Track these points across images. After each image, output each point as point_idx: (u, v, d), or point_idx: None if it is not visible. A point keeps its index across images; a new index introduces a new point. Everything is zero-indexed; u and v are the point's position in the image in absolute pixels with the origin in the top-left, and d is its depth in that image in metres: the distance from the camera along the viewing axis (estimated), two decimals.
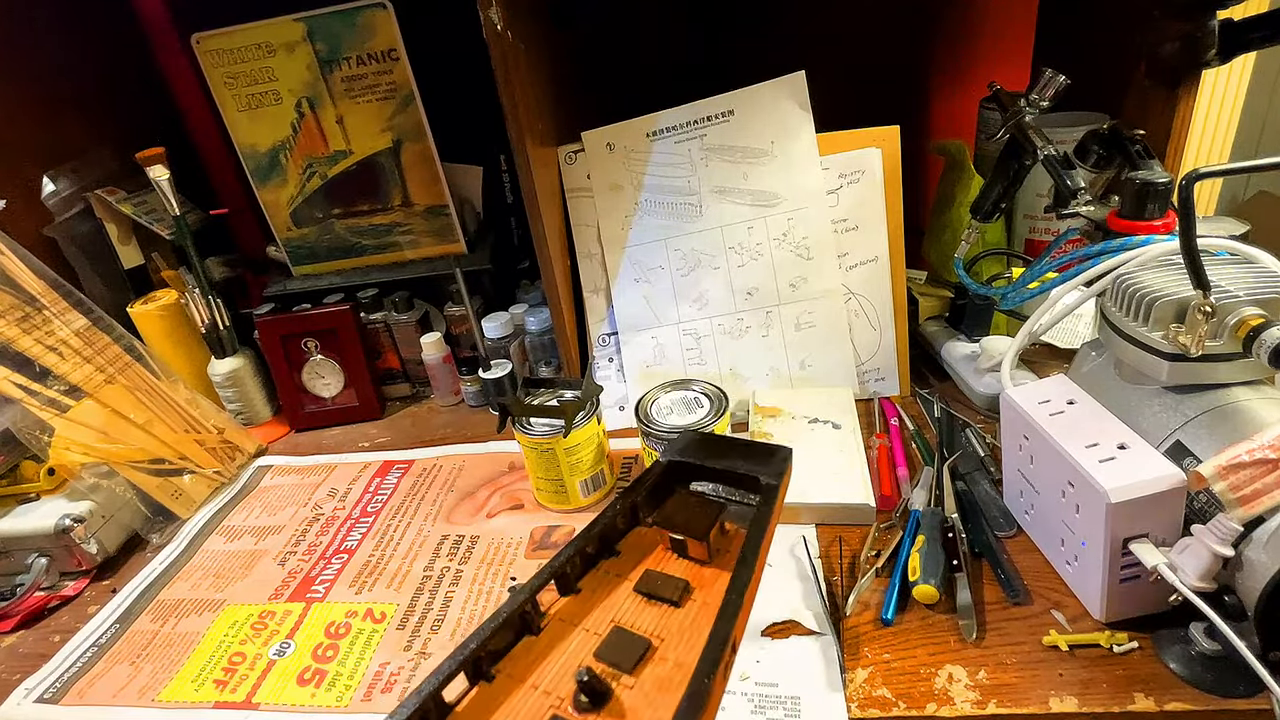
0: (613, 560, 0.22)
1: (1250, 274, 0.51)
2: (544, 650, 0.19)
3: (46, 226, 0.87)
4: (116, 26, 0.96)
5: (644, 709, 0.17)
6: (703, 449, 0.23)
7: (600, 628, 0.20)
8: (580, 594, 0.20)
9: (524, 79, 0.68)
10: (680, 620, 0.20)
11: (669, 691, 0.18)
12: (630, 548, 0.22)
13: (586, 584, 0.21)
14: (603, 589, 0.21)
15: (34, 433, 0.71)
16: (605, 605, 0.20)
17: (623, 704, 0.18)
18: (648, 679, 0.18)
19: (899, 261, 0.79)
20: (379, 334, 0.95)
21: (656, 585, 0.21)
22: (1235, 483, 0.43)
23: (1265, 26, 0.63)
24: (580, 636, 0.19)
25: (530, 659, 0.19)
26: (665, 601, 0.20)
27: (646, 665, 0.19)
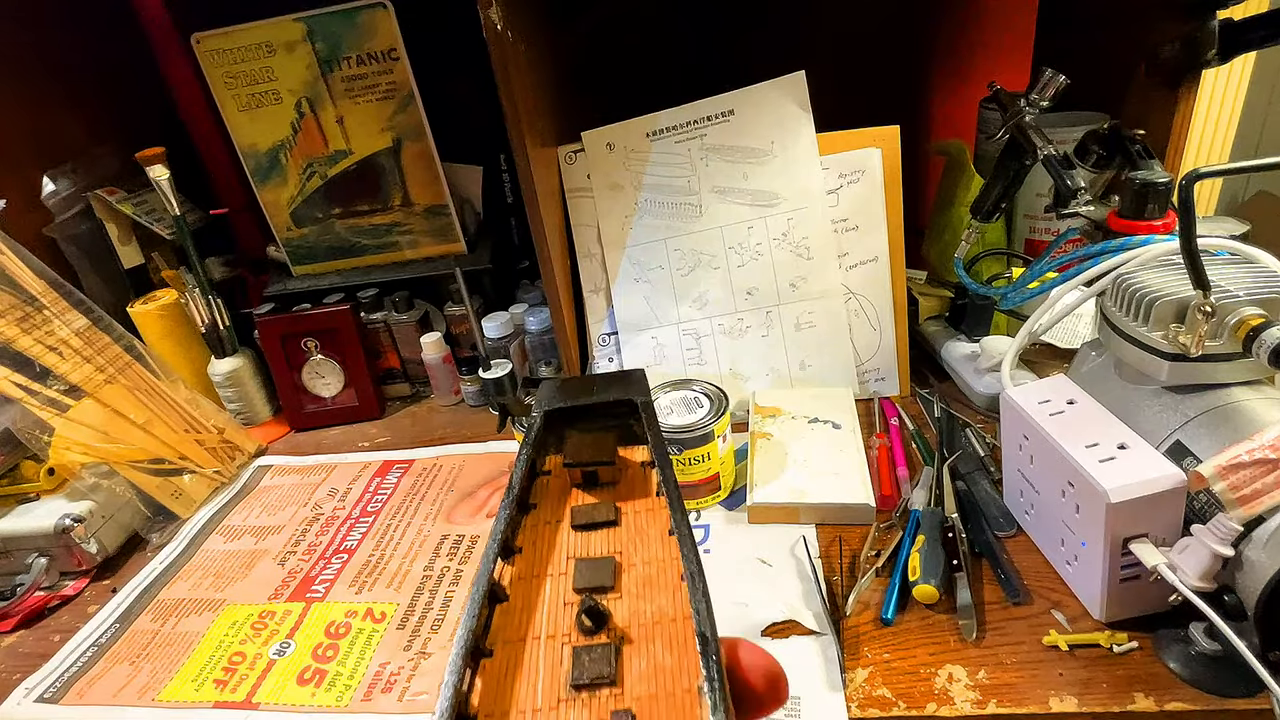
0: (533, 513, 0.23)
1: (1250, 274, 0.51)
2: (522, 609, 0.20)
3: (46, 226, 0.87)
4: (116, 26, 0.96)
5: (641, 606, 0.19)
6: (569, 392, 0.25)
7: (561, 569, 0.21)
8: (523, 551, 0.21)
9: (524, 79, 0.68)
10: (626, 533, 0.21)
11: (652, 583, 0.20)
12: (541, 498, 0.23)
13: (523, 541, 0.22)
14: (542, 540, 0.22)
15: (34, 433, 0.71)
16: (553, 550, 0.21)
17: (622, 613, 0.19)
18: (630, 585, 0.20)
19: (899, 261, 0.79)
20: (379, 334, 0.95)
21: (590, 516, 0.22)
22: (1235, 483, 0.43)
23: (1265, 26, 0.63)
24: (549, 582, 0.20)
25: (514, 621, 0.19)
26: (605, 525, 0.22)
27: (622, 577, 0.20)
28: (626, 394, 0.25)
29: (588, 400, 0.25)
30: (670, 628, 0.18)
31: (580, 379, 0.26)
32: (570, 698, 0.17)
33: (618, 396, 0.25)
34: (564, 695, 0.17)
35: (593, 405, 0.25)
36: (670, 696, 0.17)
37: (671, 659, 0.18)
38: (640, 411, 0.24)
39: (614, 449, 0.24)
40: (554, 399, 0.25)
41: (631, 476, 0.24)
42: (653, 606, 0.19)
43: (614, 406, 0.25)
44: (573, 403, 0.25)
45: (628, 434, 0.25)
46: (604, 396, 0.25)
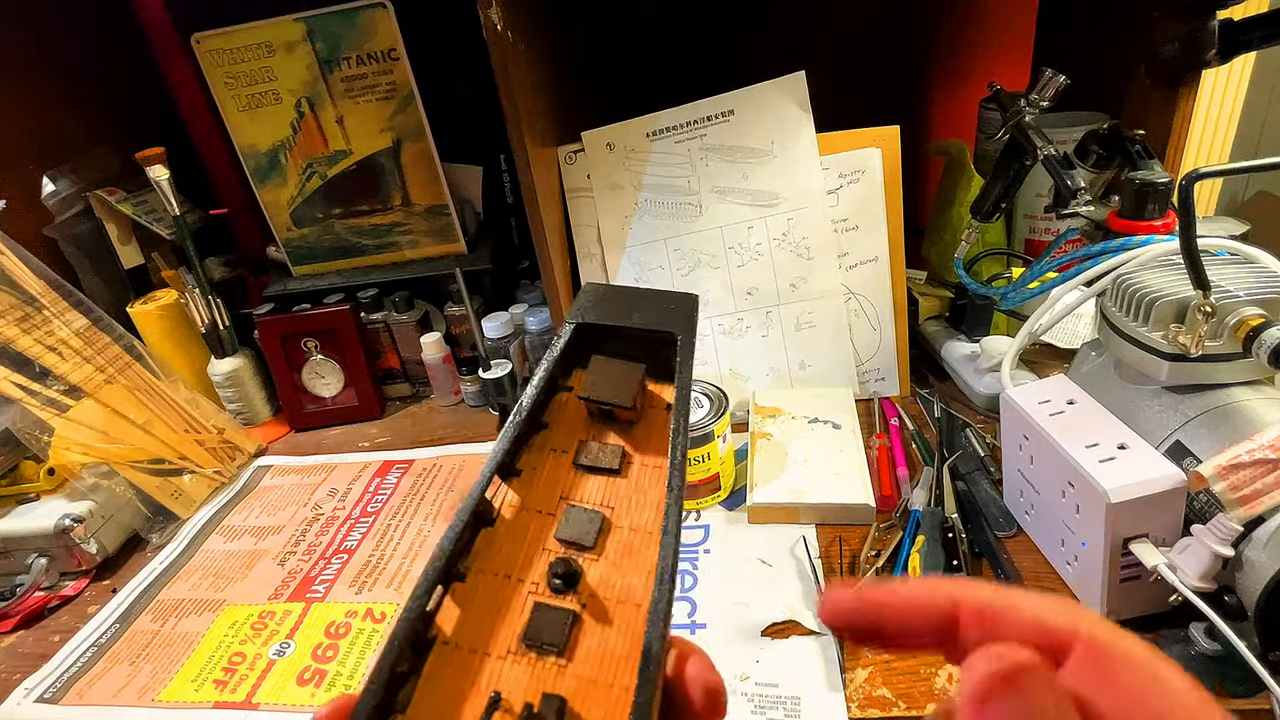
0: (543, 434, 0.22)
1: (1250, 274, 0.51)
2: (504, 539, 0.20)
3: (46, 226, 0.87)
4: (116, 26, 0.96)
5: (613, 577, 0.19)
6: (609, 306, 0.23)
7: (550, 507, 0.20)
8: (521, 475, 0.21)
9: (524, 79, 0.68)
10: (625, 487, 0.21)
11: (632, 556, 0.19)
12: (555, 419, 0.22)
13: (525, 464, 0.21)
14: (542, 467, 0.21)
15: (34, 433, 0.71)
16: (549, 483, 0.21)
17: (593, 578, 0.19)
18: (610, 549, 0.20)
19: (899, 261, 0.79)
20: (379, 334, 0.95)
21: (595, 457, 0.21)
22: (1235, 483, 0.43)
23: (1265, 26, 0.63)
24: (535, 520, 0.20)
25: (493, 550, 0.19)
26: (605, 472, 0.21)
27: (606, 537, 0.20)
28: (667, 325, 0.22)
29: (623, 324, 0.23)
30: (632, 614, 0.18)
31: (626, 291, 0.24)
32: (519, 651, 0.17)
33: (656, 326, 0.23)
34: (514, 647, 0.18)
35: (628, 329, 0.23)
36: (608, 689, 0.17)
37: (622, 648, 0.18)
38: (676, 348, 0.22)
39: (639, 386, 0.22)
40: (590, 311, 0.23)
41: (651, 419, 0.22)
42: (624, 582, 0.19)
43: (650, 334, 0.23)
44: (608, 321, 0.23)
45: (661, 367, 0.23)
46: (642, 323, 0.23)
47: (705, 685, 0.18)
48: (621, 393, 0.22)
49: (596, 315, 0.23)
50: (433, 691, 0.17)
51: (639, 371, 0.22)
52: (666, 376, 0.23)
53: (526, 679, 0.17)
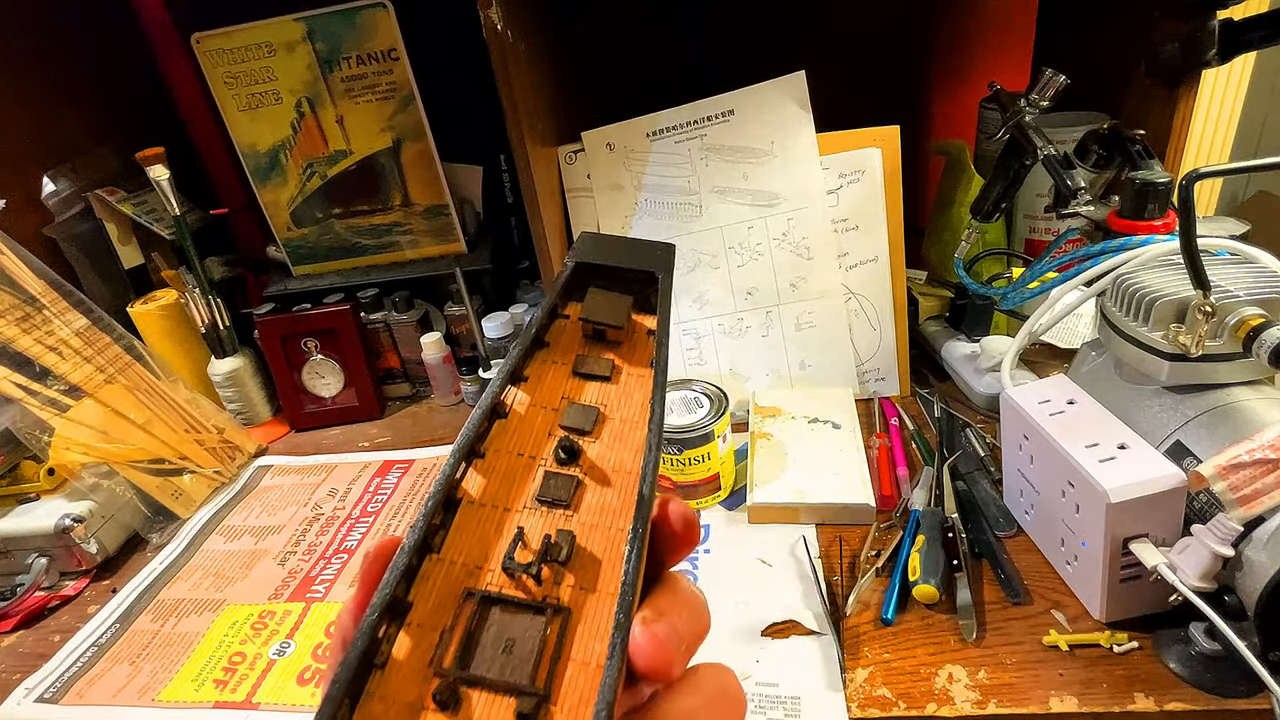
0: (545, 351, 0.27)
1: (1250, 274, 0.51)
2: (515, 428, 0.24)
3: (46, 226, 0.87)
4: (116, 26, 0.96)
5: (607, 454, 0.23)
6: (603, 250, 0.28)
7: (554, 404, 0.25)
8: (528, 381, 0.26)
9: (524, 79, 0.68)
10: (616, 391, 0.25)
11: (622, 439, 0.24)
12: (555, 339, 0.27)
13: (530, 372, 0.26)
14: (545, 375, 0.26)
15: (34, 433, 0.71)
16: (551, 387, 0.25)
17: (591, 455, 0.23)
18: (605, 434, 0.24)
19: (899, 261, 0.79)
20: (379, 334, 0.95)
21: (590, 366, 0.26)
22: (1235, 483, 0.43)
23: (1265, 26, 0.63)
24: (541, 414, 0.24)
25: (507, 435, 0.24)
26: (600, 379, 0.26)
27: (601, 425, 0.24)
28: (650, 266, 0.27)
29: (614, 264, 0.27)
30: (624, 479, 0.23)
31: (617, 240, 0.28)
32: (533, 507, 0.22)
33: (641, 267, 0.27)
34: (529, 504, 0.22)
35: (618, 269, 0.27)
36: (607, 530, 0.21)
37: (617, 502, 0.22)
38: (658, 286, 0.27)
39: (627, 313, 0.27)
40: (587, 253, 0.28)
41: (635, 340, 0.27)
42: (616, 457, 0.23)
43: (637, 273, 0.27)
44: (602, 262, 0.27)
45: (644, 301, 0.28)
46: (629, 263, 0.27)
47: (682, 517, 0.22)
48: (615, 315, 0.26)
49: (592, 257, 0.28)
50: (461, 535, 0.21)
51: (627, 302, 0.27)
52: (649, 309, 0.28)
53: (542, 523, 0.22)
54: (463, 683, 0.18)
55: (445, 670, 0.18)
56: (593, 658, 0.19)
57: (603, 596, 0.20)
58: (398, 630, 0.19)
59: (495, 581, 0.20)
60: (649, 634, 0.19)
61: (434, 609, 0.20)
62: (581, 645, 0.19)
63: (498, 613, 0.20)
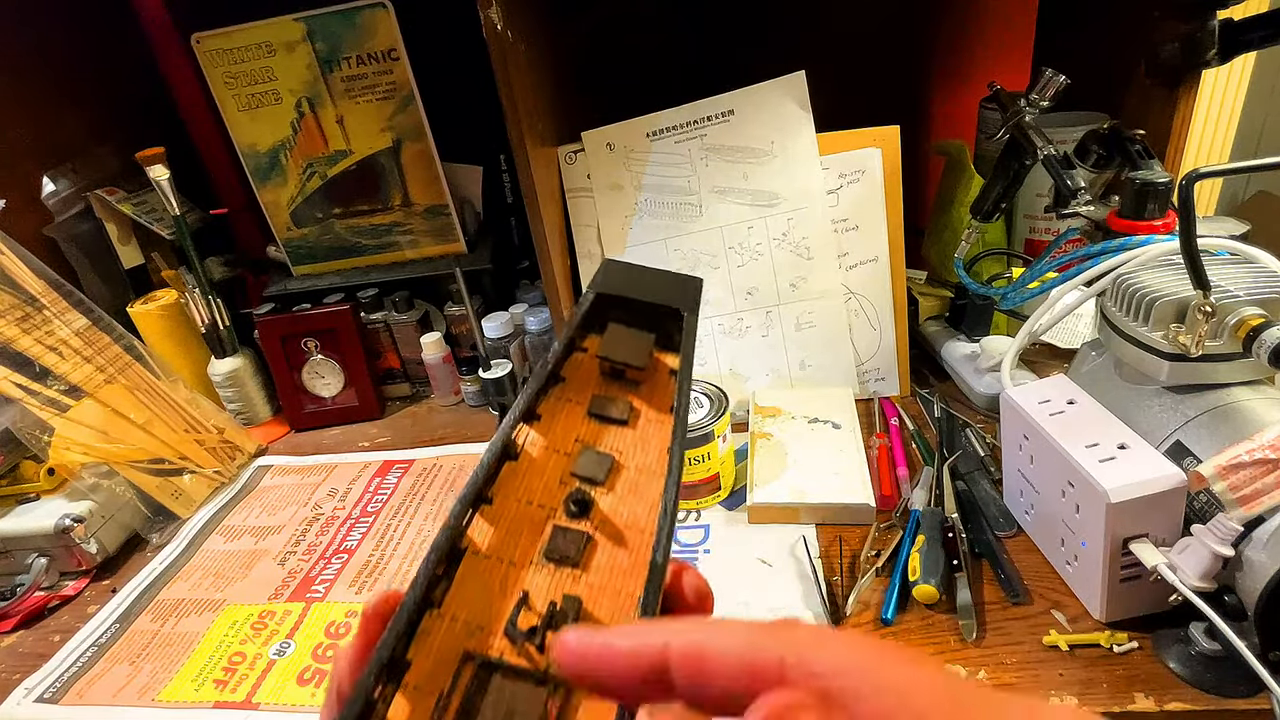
0: (560, 386, 0.25)
1: (1250, 274, 0.51)
2: (526, 471, 0.23)
3: (46, 226, 0.87)
4: (116, 26, 0.96)
5: (620, 508, 0.22)
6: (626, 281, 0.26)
7: (567, 448, 0.24)
8: (541, 420, 0.24)
9: (524, 79, 0.68)
10: (632, 437, 0.24)
11: (636, 492, 0.23)
12: (571, 374, 0.25)
13: (544, 410, 0.24)
14: (560, 414, 0.24)
15: (34, 433, 0.71)
16: (565, 428, 0.24)
17: (603, 508, 0.22)
18: (619, 485, 0.23)
19: (899, 261, 0.79)
20: (379, 334, 0.95)
21: (607, 408, 0.24)
22: (1235, 483, 0.43)
23: (1265, 26, 0.63)
24: (553, 458, 0.23)
25: (517, 480, 0.23)
26: (616, 422, 0.24)
27: (615, 475, 0.23)
28: (675, 301, 0.26)
29: (637, 297, 0.26)
30: (637, 537, 0.22)
31: (642, 270, 0.26)
32: (540, 563, 0.21)
33: (666, 302, 0.26)
34: (536, 559, 0.21)
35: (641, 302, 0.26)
36: (616, 594, 0.20)
37: (628, 563, 0.21)
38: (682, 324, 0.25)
39: (649, 352, 0.25)
40: (609, 284, 0.26)
41: (656, 381, 0.25)
42: (630, 511, 0.22)
43: (661, 308, 0.26)
44: (624, 294, 0.26)
45: (667, 338, 0.26)
46: (653, 297, 0.26)
47: (696, 589, 0.22)
48: (635, 354, 0.25)
49: (615, 288, 0.26)
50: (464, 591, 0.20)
51: (649, 339, 0.25)
52: (672, 347, 0.26)
53: (548, 584, 0.21)
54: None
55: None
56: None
57: None
58: (394, 691, 0.18)
59: (497, 645, 0.20)
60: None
61: (433, 670, 0.19)
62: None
63: (498, 680, 0.19)
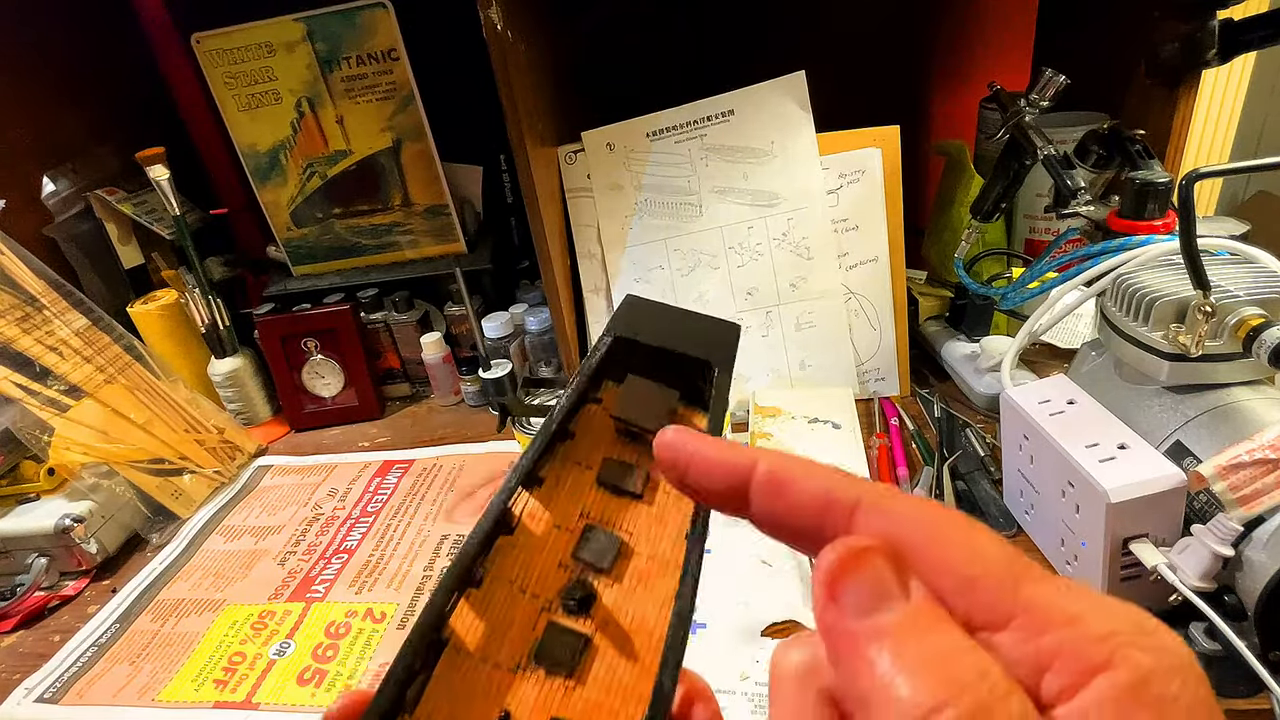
0: (568, 444, 0.22)
1: (1250, 274, 0.51)
2: (521, 550, 0.20)
3: (46, 226, 0.87)
4: (116, 26, 0.96)
5: (626, 605, 0.19)
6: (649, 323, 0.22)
7: (570, 523, 0.20)
8: (544, 484, 0.21)
9: (524, 79, 0.68)
10: (647, 514, 0.21)
11: (647, 586, 0.19)
12: (582, 431, 0.22)
13: (548, 473, 0.21)
14: (565, 478, 0.21)
15: (34, 432, 0.71)
16: (571, 498, 0.21)
17: (606, 603, 0.19)
18: (626, 576, 0.20)
19: (899, 261, 0.79)
20: (379, 334, 0.95)
21: (618, 477, 0.21)
22: (1235, 483, 0.43)
23: (1265, 26, 0.63)
24: (554, 534, 0.20)
25: (510, 559, 0.20)
26: (629, 495, 0.21)
27: (624, 563, 0.20)
28: (704, 352, 0.22)
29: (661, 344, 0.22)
30: (645, 642, 0.18)
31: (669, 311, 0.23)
32: (528, 667, 0.18)
33: (696, 353, 0.22)
34: (524, 662, 0.18)
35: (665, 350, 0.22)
36: (614, 716, 0.17)
37: (631, 677, 0.18)
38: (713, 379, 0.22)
39: (671, 411, 0.22)
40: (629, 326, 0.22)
41: None
42: (637, 610, 0.19)
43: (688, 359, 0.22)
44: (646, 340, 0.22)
45: (694, 394, 0.22)
46: (680, 345, 0.22)
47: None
48: (652, 417, 0.21)
49: (636, 331, 0.22)
50: (441, 694, 0.17)
51: (673, 397, 0.22)
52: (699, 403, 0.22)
53: (534, 696, 0.18)
54: None
55: None
56: None
57: None
58: None
59: None
60: None
61: None
62: None
63: None
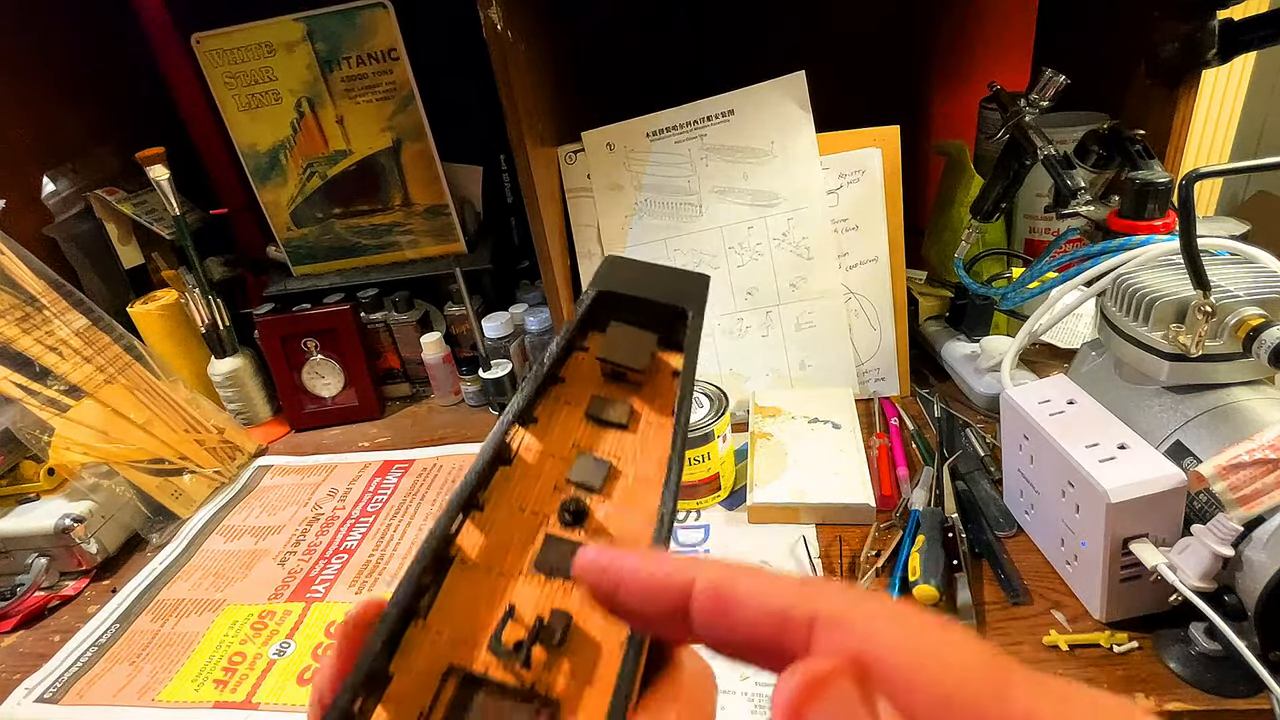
0: (559, 387, 0.24)
1: (1250, 274, 0.51)
2: (519, 477, 0.22)
3: (46, 226, 0.87)
4: (116, 26, 0.96)
5: (616, 517, 0.21)
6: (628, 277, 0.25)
7: (563, 452, 0.23)
8: (538, 423, 0.23)
9: (524, 79, 0.68)
10: (632, 442, 0.23)
11: (634, 501, 0.22)
12: (571, 375, 0.25)
13: (541, 412, 0.24)
14: (557, 416, 0.24)
15: (34, 433, 0.71)
16: (563, 432, 0.23)
17: (599, 518, 0.21)
18: (616, 493, 0.22)
19: (899, 261, 0.79)
20: (379, 334, 0.95)
21: (605, 411, 0.23)
22: (1235, 483, 0.43)
23: (1265, 26, 0.63)
24: (549, 462, 0.22)
25: (510, 486, 0.22)
26: (615, 426, 0.23)
27: (613, 482, 0.22)
28: (680, 300, 0.24)
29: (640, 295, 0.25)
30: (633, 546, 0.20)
31: (646, 267, 0.25)
32: (530, 574, 0.20)
33: (670, 300, 0.24)
34: (526, 570, 0.20)
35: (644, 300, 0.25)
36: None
37: None
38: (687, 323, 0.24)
39: (651, 352, 0.24)
40: (611, 281, 0.25)
41: (659, 382, 0.24)
42: (626, 523, 0.21)
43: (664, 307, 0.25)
44: (626, 292, 0.25)
45: (670, 338, 0.25)
46: (657, 295, 0.25)
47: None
48: (635, 356, 0.24)
49: (618, 285, 0.25)
50: (450, 601, 0.20)
51: (652, 339, 0.24)
52: (675, 347, 0.25)
53: (537, 596, 0.20)
54: None
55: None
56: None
57: (597, 690, 0.18)
58: (374, 705, 0.18)
59: (482, 659, 0.19)
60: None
61: (415, 684, 0.18)
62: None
63: (482, 698, 0.18)
